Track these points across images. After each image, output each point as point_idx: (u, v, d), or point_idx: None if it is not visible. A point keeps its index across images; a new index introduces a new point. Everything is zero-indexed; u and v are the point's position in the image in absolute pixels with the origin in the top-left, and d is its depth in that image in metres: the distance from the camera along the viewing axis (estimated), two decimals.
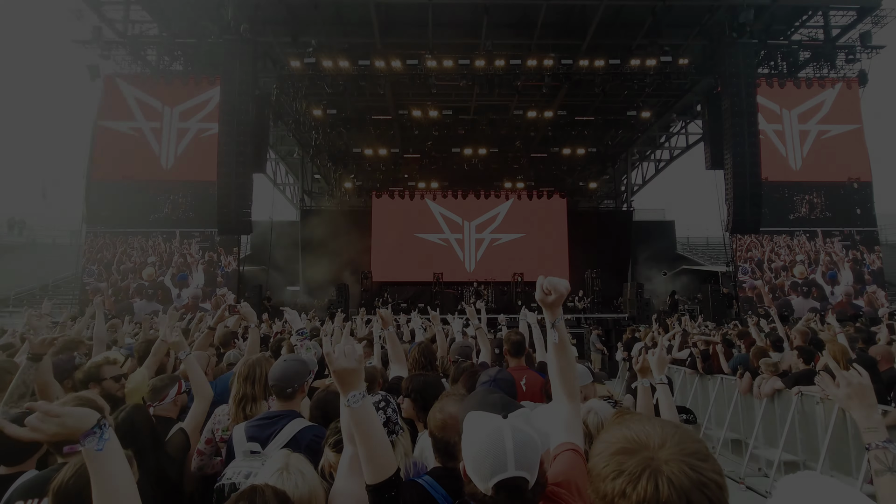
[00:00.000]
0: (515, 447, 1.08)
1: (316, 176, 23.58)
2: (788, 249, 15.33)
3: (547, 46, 14.66)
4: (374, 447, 1.29)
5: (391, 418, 1.91)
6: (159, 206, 14.85)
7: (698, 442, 0.78)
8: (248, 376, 2.40)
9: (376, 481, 1.27)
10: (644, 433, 0.78)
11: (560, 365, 1.51)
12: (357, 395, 1.31)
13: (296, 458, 1.54)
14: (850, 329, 6.01)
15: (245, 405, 2.32)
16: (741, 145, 13.88)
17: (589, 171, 22.56)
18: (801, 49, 15.49)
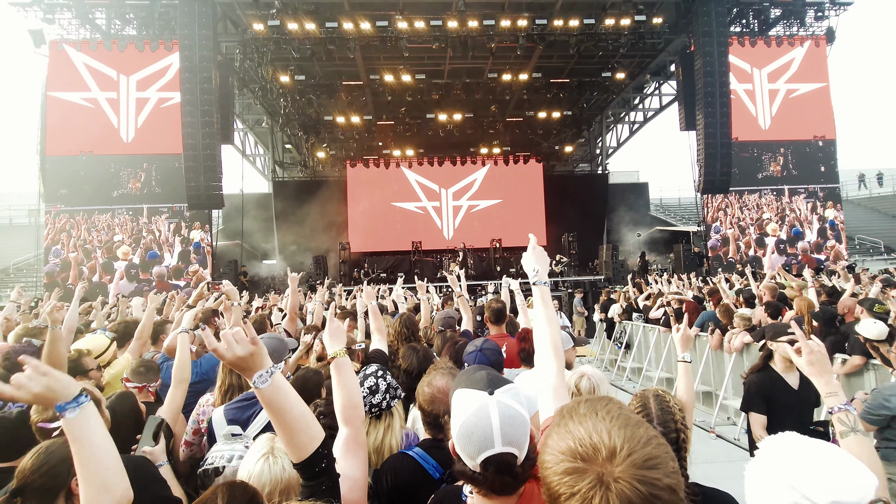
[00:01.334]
0: (502, 423, 1.08)
1: (287, 146, 22.84)
2: (757, 208, 15.79)
3: (521, 6, 14.28)
4: (293, 423, 1.19)
5: (391, 384, 1.93)
6: (122, 182, 14.19)
7: (648, 444, 0.74)
8: None
9: (303, 458, 1.20)
10: (590, 444, 0.74)
11: (545, 322, 1.53)
12: (264, 374, 1.18)
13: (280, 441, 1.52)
14: (816, 284, 6.28)
15: (231, 395, 2.28)
16: (713, 105, 14.01)
17: (564, 134, 22.50)
18: (772, 7, 15.50)
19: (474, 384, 1.17)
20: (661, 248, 19.65)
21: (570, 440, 0.76)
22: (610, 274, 15.72)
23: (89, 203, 13.98)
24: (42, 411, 1.73)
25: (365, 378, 1.92)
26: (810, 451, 0.91)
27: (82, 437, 1.13)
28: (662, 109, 21.65)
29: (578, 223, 19.29)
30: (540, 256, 1.66)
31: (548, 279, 1.64)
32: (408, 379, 2.28)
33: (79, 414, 1.13)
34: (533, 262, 1.65)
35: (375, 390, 1.88)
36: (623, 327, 9.58)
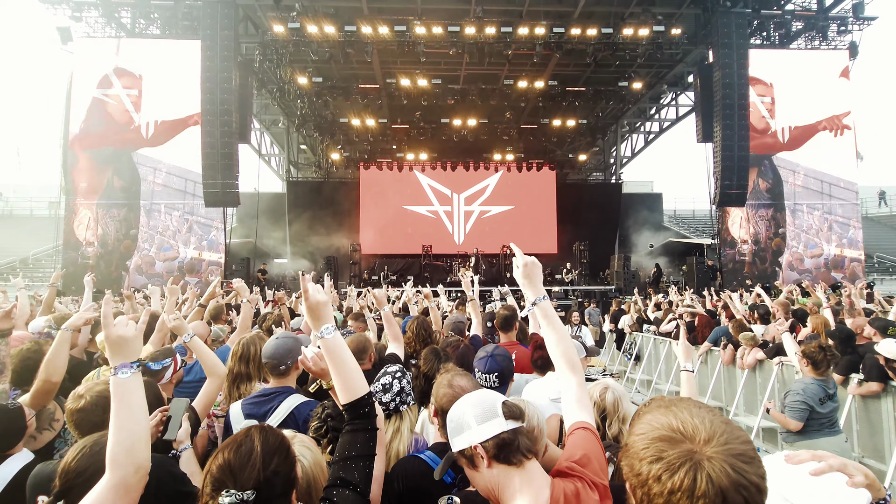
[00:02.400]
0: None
1: (302, 146, 23.08)
2: (772, 222, 15.57)
3: (538, 14, 14.29)
4: (347, 372, 1.41)
5: (405, 388, 1.93)
6: (141, 177, 14.45)
7: (747, 443, 0.76)
8: (242, 355, 2.39)
9: (351, 400, 1.40)
10: (692, 425, 0.76)
11: (553, 339, 1.54)
12: (329, 327, 1.42)
13: (299, 442, 1.53)
14: (833, 301, 6.18)
15: (239, 384, 2.33)
16: (731, 118, 13.87)
17: (578, 142, 22.43)
18: (794, 20, 15.33)
19: None
20: (674, 259, 19.45)
21: (672, 418, 0.78)
22: (621, 284, 15.59)
23: (109, 197, 14.23)
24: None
25: (383, 374, 1.93)
26: (804, 465, 0.91)
27: (123, 397, 1.30)
28: (679, 120, 21.49)
29: (591, 232, 19.19)
30: (532, 272, 1.60)
31: (545, 293, 1.59)
32: (426, 382, 2.29)
33: (130, 378, 1.33)
34: (526, 282, 1.59)
35: (388, 389, 1.88)
36: (633, 338, 9.49)
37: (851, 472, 0.87)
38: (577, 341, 3.09)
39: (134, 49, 14.44)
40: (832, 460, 0.90)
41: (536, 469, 1.23)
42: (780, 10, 15.31)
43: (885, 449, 4.35)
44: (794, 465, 0.86)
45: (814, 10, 15.19)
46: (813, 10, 15.23)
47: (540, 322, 1.58)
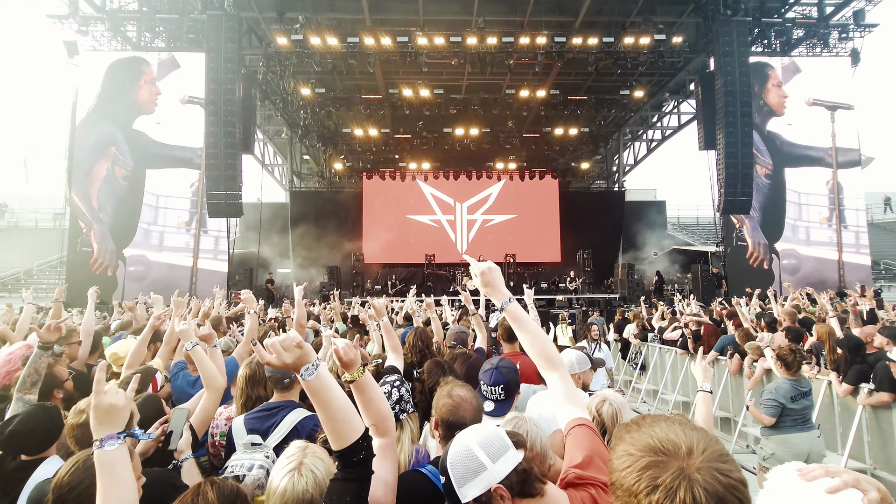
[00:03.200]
0: None
1: (305, 157, 23.23)
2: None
3: (540, 24, 14.39)
4: (335, 414, 1.26)
5: (403, 397, 1.91)
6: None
7: (718, 443, 0.78)
8: (252, 378, 2.34)
9: (343, 446, 1.24)
10: (669, 441, 0.77)
11: (526, 339, 1.51)
12: (309, 367, 1.28)
13: (311, 455, 1.46)
14: (839, 308, 6.11)
15: (252, 407, 2.28)
16: (734, 125, 13.85)
17: (581, 151, 22.48)
18: (795, 27, 15.37)
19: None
20: (678, 267, 19.36)
21: (648, 438, 0.79)
22: (625, 293, 15.51)
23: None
24: None
25: (382, 384, 1.91)
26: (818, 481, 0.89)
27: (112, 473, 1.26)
28: (681, 128, 21.50)
29: (594, 240, 19.14)
30: (489, 279, 1.53)
31: (510, 296, 1.54)
32: (430, 396, 2.25)
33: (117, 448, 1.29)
34: (488, 289, 1.54)
35: (387, 398, 1.86)
36: (638, 348, 9.41)
37: (865, 488, 0.83)
38: (579, 352, 3.07)
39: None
40: (845, 476, 0.85)
41: (553, 491, 1.20)
42: (780, 18, 15.37)
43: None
44: (808, 482, 0.82)
45: (814, 18, 15.24)
46: (814, 17, 15.27)
47: (512, 325, 1.53)
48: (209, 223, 14.47)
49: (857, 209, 15.74)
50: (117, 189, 14.13)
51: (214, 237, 14.61)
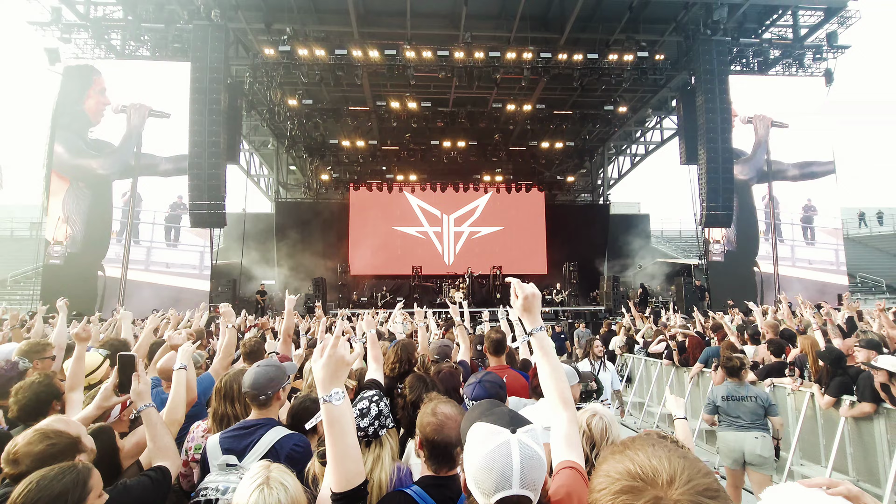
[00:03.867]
0: (522, 465, 1.06)
1: (291, 167, 23.09)
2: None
3: (526, 39, 14.63)
4: (346, 450, 1.25)
5: (382, 412, 1.85)
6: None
7: (708, 475, 0.73)
8: (226, 394, 2.25)
9: (344, 489, 1.22)
10: (650, 467, 0.72)
11: (546, 372, 1.49)
12: (340, 392, 1.29)
13: (277, 470, 1.44)
14: (819, 320, 6.20)
15: (225, 424, 2.19)
16: (714, 141, 14.18)
17: (566, 164, 22.75)
18: (772, 47, 15.88)
19: (496, 419, 1.15)
20: (662, 280, 19.58)
21: (629, 463, 0.74)
22: (611, 305, 15.61)
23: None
24: None
25: (360, 399, 1.85)
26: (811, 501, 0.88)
27: None
28: (664, 143, 21.95)
29: (580, 253, 19.30)
30: (531, 305, 1.54)
31: (542, 324, 1.55)
32: (413, 411, 2.18)
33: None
34: (524, 314, 1.54)
35: (366, 413, 1.79)
36: (624, 360, 9.43)
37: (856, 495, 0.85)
38: (566, 365, 3.03)
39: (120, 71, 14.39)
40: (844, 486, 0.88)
41: None
42: (758, 39, 15.87)
43: (879, 472, 4.30)
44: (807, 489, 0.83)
45: (790, 39, 15.76)
46: (789, 38, 15.81)
47: (535, 353, 1.52)
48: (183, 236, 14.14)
49: (834, 227, 16.11)
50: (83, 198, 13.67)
51: (199, 252, 14.23)
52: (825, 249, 15.94)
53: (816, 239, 15.97)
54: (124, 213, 13.73)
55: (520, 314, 1.55)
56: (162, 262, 13.63)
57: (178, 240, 13.95)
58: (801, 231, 15.91)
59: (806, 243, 15.86)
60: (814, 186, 16.02)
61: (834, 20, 15.16)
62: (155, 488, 1.74)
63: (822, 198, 16.10)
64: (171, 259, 13.67)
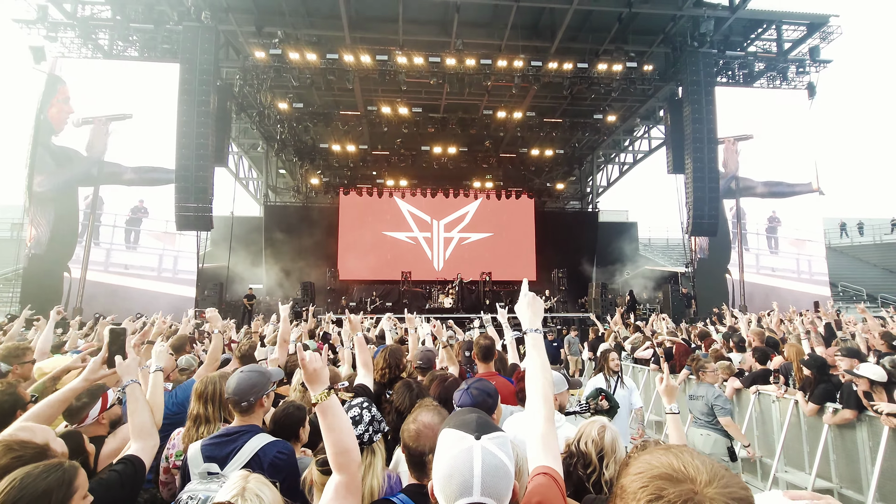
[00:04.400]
0: (484, 472, 1.04)
1: (281, 171, 22.94)
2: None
3: (517, 48, 14.75)
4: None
5: (376, 417, 1.83)
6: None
7: (746, 489, 0.74)
8: (202, 394, 2.21)
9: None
10: (693, 466, 0.74)
11: (536, 370, 1.51)
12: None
13: (255, 480, 1.40)
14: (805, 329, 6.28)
15: (199, 427, 2.14)
16: (701, 151, 14.41)
17: (556, 172, 22.92)
18: (757, 60, 16.22)
19: (462, 426, 1.13)
20: (649, 287, 19.76)
21: (674, 459, 0.76)
22: (599, 311, 15.69)
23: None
24: None
25: (349, 409, 1.83)
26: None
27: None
28: (651, 152, 22.24)
29: (569, 260, 19.40)
30: (534, 304, 1.65)
31: (540, 327, 1.63)
32: (398, 418, 2.15)
33: None
34: (527, 311, 1.64)
35: (358, 421, 1.78)
36: None
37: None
38: (555, 372, 3.03)
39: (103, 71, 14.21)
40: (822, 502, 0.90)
41: None
42: (743, 52, 16.20)
43: (861, 479, 4.35)
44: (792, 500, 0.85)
45: (774, 53, 16.12)
46: (773, 52, 16.16)
47: (528, 349, 1.56)
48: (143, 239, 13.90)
49: (813, 240, 16.37)
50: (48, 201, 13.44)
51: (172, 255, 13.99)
52: (788, 258, 16.22)
53: (780, 248, 16.25)
54: (86, 215, 13.54)
55: (523, 311, 1.63)
56: (121, 263, 13.41)
57: (137, 242, 13.74)
58: (765, 240, 16.20)
59: (770, 252, 16.15)
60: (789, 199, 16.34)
61: (816, 35, 15.54)
62: (123, 483, 1.66)
63: (803, 209, 16.39)
64: (131, 261, 13.45)
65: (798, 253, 16.18)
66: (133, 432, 1.84)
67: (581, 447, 1.90)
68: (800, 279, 16.13)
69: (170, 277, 13.65)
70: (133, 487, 1.67)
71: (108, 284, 13.13)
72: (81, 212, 13.64)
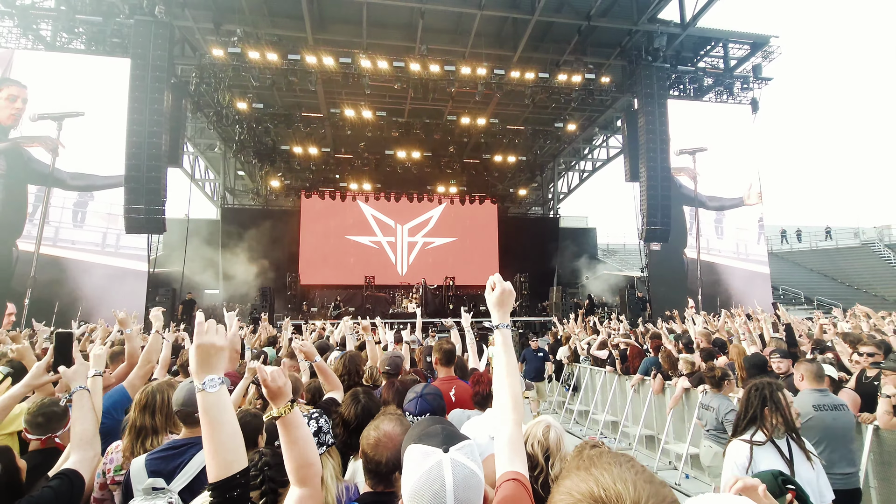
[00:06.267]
0: (456, 485, 1.05)
1: (239, 173, 22.27)
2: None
3: (480, 55, 14.98)
4: (223, 440, 1.21)
5: (323, 428, 1.81)
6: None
7: (671, 496, 0.71)
8: (146, 405, 2.10)
9: (220, 477, 1.19)
10: (615, 492, 0.69)
11: (504, 371, 1.46)
12: (216, 379, 1.24)
13: (202, 497, 1.39)
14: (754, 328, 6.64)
15: (144, 439, 2.05)
16: (654, 160, 15.04)
17: (518, 178, 23.35)
18: (705, 76, 17.14)
19: (427, 438, 1.14)
20: (608, 291, 20.39)
21: (593, 483, 0.71)
22: (560, 315, 16.05)
23: None
24: None
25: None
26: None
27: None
28: (609, 161, 23.02)
29: (531, 264, 19.78)
30: (509, 298, 1.55)
31: (510, 323, 1.55)
32: (345, 430, 2.12)
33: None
34: (501, 306, 1.54)
35: None
36: (571, 369, 9.71)
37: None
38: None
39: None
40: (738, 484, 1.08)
41: None
42: (693, 67, 17.07)
43: None
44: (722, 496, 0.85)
45: (721, 69, 17.08)
46: (720, 68, 17.12)
47: (497, 347, 1.50)
48: (89, 218, 13.51)
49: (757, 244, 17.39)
50: None
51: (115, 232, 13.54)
52: (730, 242, 17.24)
53: (725, 235, 17.24)
54: (38, 198, 13.35)
55: (492, 306, 1.54)
56: (69, 239, 13.54)
57: (83, 222, 13.75)
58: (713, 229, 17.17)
59: (717, 238, 17.15)
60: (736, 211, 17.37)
61: (759, 54, 16.59)
62: (58, 499, 1.55)
63: (743, 215, 17.38)
64: (77, 237, 13.63)
65: (737, 239, 17.31)
66: (73, 442, 1.73)
67: (528, 450, 1.93)
68: (738, 258, 17.14)
69: (112, 252, 13.87)
70: (70, 502, 1.58)
71: (56, 257, 13.30)
72: (32, 194, 13.36)
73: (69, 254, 13.46)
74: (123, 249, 13.88)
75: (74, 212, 13.69)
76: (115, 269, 13.65)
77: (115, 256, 13.85)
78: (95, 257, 13.67)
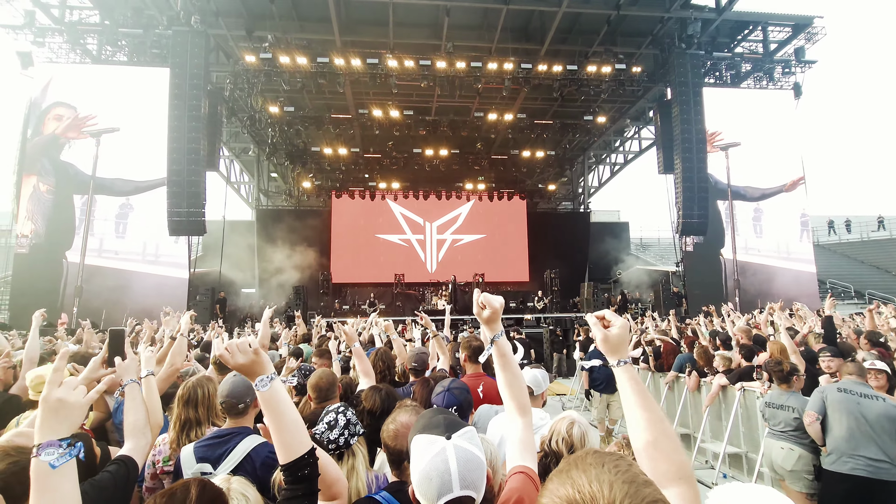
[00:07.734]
0: (460, 467, 1.12)
1: (273, 175, 22.91)
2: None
3: (507, 50, 14.87)
4: (286, 426, 1.32)
5: (351, 420, 1.88)
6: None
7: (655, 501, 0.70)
8: (189, 399, 2.26)
9: (289, 459, 1.30)
10: (589, 493, 0.69)
11: (506, 379, 1.53)
12: (264, 379, 1.33)
13: (238, 482, 1.51)
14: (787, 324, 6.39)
15: (189, 431, 2.20)
16: (690, 151, 14.58)
17: (547, 173, 23.07)
18: (743, 61, 16.45)
19: (431, 428, 1.22)
20: (641, 286, 19.92)
21: (570, 486, 0.72)
22: (591, 311, 15.80)
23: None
24: None
25: (325, 413, 1.89)
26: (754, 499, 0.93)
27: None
28: (642, 153, 22.44)
29: (561, 260, 19.51)
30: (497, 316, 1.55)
31: (502, 331, 1.59)
32: (371, 419, 2.22)
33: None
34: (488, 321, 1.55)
35: (333, 425, 1.84)
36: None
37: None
38: (541, 370, 3.10)
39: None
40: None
41: None
42: (730, 53, 16.42)
43: None
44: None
45: (760, 54, 16.36)
46: (759, 53, 16.40)
47: (496, 359, 1.54)
48: (162, 248, 14.02)
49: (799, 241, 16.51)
50: (44, 202, 13.69)
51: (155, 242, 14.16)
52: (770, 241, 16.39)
53: (764, 233, 16.40)
54: (82, 210, 14.09)
55: (485, 323, 1.57)
56: (112, 249, 14.21)
57: (125, 232, 14.41)
58: (751, 227, 16.37)
59: (756, 237, 16.34)
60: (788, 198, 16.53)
61: (801, 36, 15.79)
62: (116, 483, 1.64)
63: (784, 205, 16.55)
64: (120, 248, 14.27)
65: (778, 238, 16.49)
66: (126, 431, 1.86)
67: (553, 446, 1.96)
68: (780, 257, 16.35)
69: (153, 260, 14.50)
70: (126, 488, 1.68)
71: (101, 267, 13.99)
72: (78, 208, 14.04)
73: (114, 263, 14.14)
74: (163, 258, 14.52)
75: (116, 223, 14.39)
76: (157, 276, 14.24)
77: (155, 265, 14.49)
78: (138, 265, 14.33)
